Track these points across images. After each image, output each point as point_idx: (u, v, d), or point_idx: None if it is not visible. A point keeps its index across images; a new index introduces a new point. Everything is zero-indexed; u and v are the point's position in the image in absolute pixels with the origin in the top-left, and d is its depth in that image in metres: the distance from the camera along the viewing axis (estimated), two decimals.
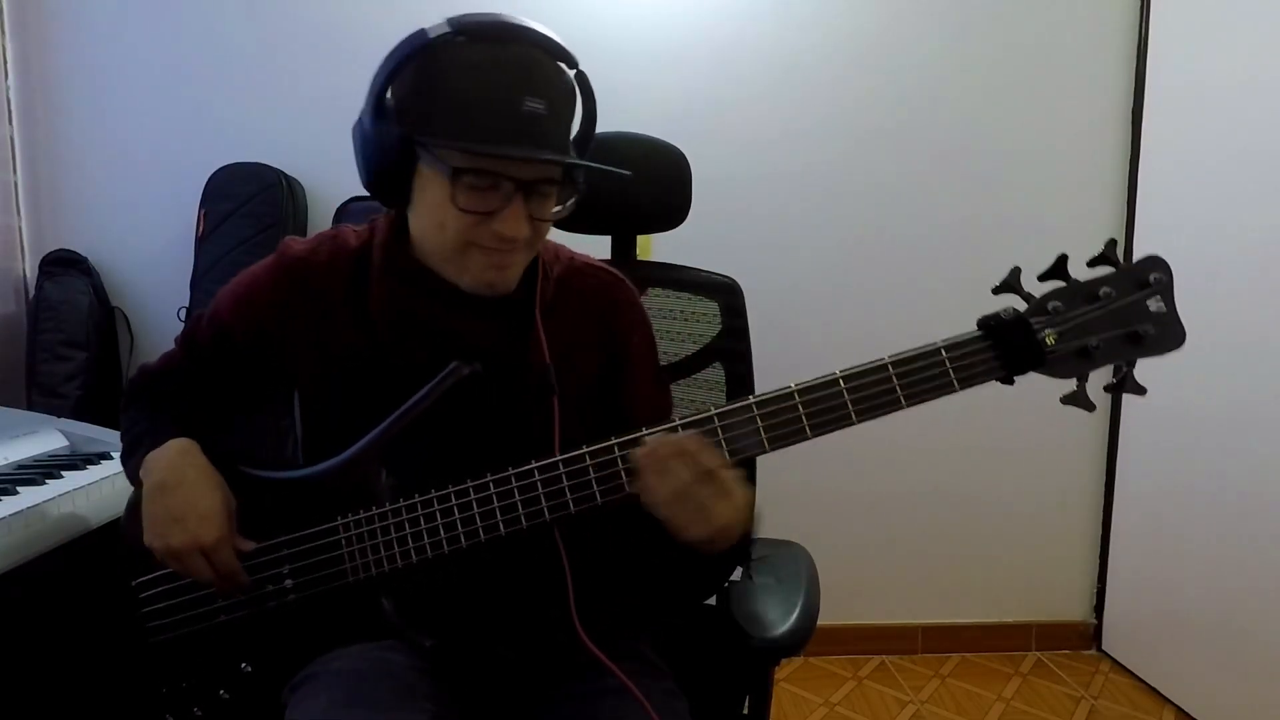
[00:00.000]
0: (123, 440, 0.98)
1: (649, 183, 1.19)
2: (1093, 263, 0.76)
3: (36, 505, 1.13)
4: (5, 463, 1.28)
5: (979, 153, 2.17)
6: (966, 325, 0.78)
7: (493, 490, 0.82)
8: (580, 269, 0.97)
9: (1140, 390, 0.75)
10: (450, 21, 0.78)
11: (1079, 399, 0.76)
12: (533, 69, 0.78)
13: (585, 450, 0.80)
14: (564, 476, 0.80)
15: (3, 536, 1.06)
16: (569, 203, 0.86)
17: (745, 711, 1.10)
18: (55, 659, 1.24)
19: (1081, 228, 2.21)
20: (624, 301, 0.98)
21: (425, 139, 0.79)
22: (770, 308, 1.38)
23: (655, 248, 1.90)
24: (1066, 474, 2.28)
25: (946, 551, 2.29)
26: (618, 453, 0.79)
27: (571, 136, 0.87)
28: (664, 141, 1.20)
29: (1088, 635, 2.35)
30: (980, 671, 2.23)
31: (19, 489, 1.17)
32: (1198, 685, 1.99)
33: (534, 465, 0.81)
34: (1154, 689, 2.11)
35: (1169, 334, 0.74)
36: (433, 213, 0.82)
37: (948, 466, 2.24)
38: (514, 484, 0.81)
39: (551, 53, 0.81)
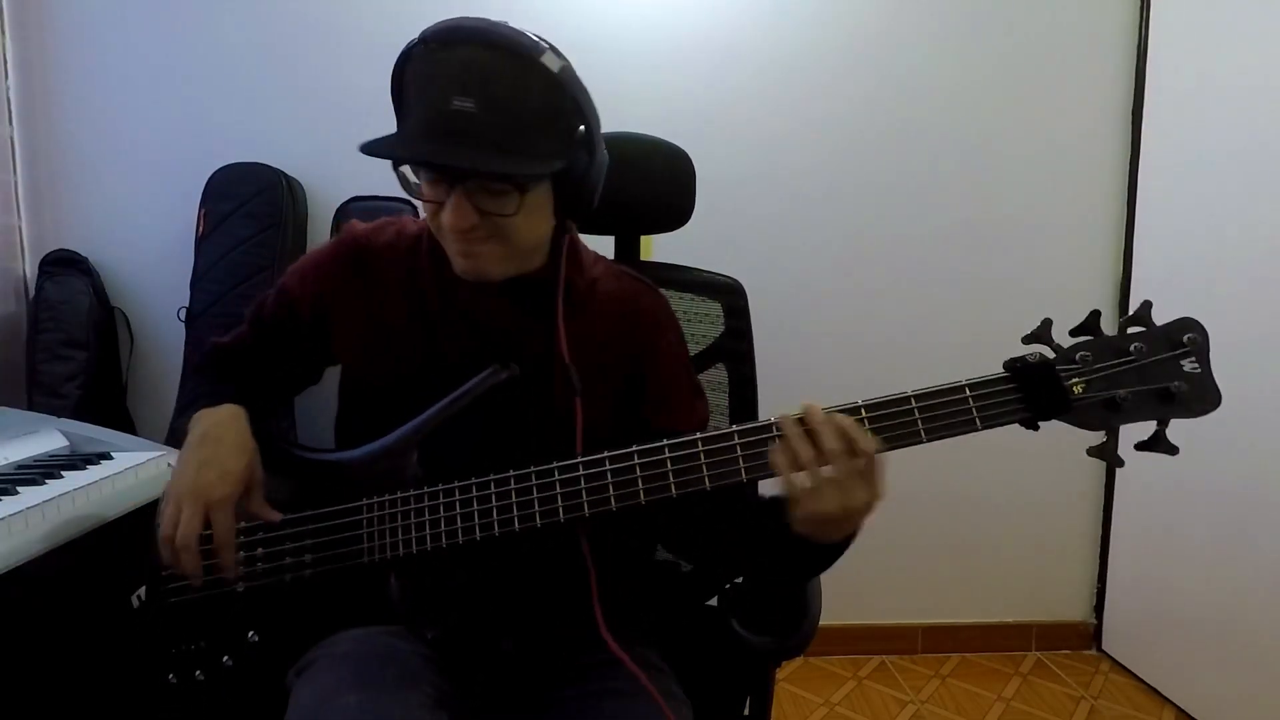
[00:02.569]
0: (179, 403, 1.02)
1: (653, 183, 1.19)
2: (1125, 322, 0.76)
3: (36, 505, 1.13)
4: (5, 463, 1.28)
5: (979, 153, 2.17)
6: (967, 325, 0.77)
7: (513, 486, 0.83)
8: (608, 274, 0.99)
9: (1173, 450, 0.75)
10: (423, 31, 0.81)
11: (1106, 453, 0.76)
12: (467, 69, 0.78)
13: (605, 455, 0.81)
14: (582, 479, 0.81)
15: (3, 537, 1.06)
16: (517, 198, 0.83)
17: (746, 712, 1.10)
18: (55, 659, 1.23)
19: (1081, 227, 2.22)
20: (647, 309, 0.98)
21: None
22: (773, 308, 1.38)
23: (656, 248, 1.90)
24: (1066, 474, 2.28)
25: (946, 551, 2.30)
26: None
27: (560, 130, 0.84)
28: (667, 142, 1.20)
29: (1088, 635, 2.35)
30: (980, 671, 2.24)
31: (19, 489, 1.16)
32: (1198, 685, 1.99)
33: (555, 465, 0.82)
34: (1154, 689, 2.11)
35: (1203, 395, 0.74)
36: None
37: (947, 466, 2.23)
38: (534, 482, 0.83)
39: (508, 50, 0.79)
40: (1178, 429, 0.76)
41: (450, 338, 0.93)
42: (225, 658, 0.92)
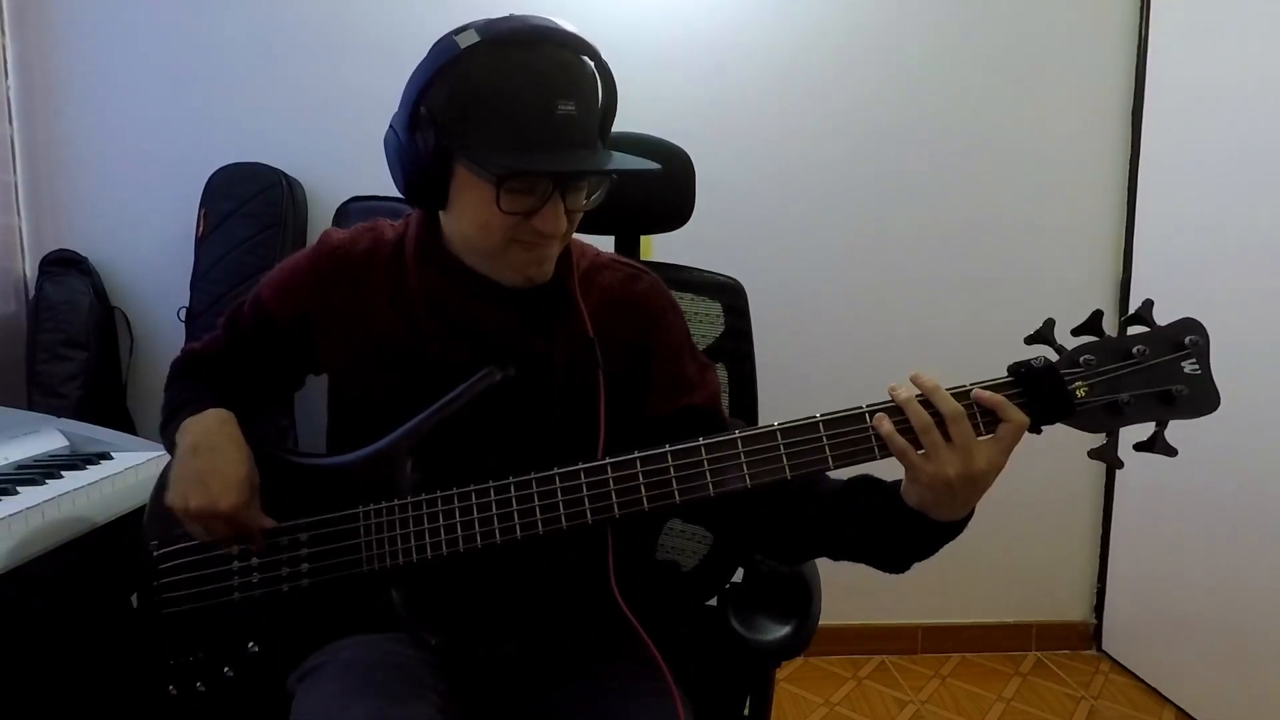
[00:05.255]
0: (163, 412, 1.00)
1: (653, 183, 1.18)
2: (1127, 321, 0.75)
3: (36, 505, 1.13)
4: (5, 463, 1.28)
5: (979, 153, 2.17)
6: (968, 324, 0.77)
7: (513, 494, 0.82)
8: (604, 264, 0.98)
9: (1172, 452, 0.74)
10: (478, 30, 0.78)
11: (1107, 454, 0.75)
12: (561, 71, 0.79)
13: (608, 462, 0.81)
14: (584, 486, 0.81)
15: (3, 537, 1.06)
16: (599, 192, 0.87)
17: (746, 712, 1.10)
18: (54, 659, 1.23)
19: (1082, 227, 2.22)
20: (646, 292, 0.97)
21: (466, 150, 0.79)
22: (773, 308, 1.38)
23: (655, 248, 1.90)
24: (1066, 474, 2.28)
25: (946, 551, 2.28)
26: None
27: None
28: (668, 142, 1.20)
29: (1088, 635, 2.35)
30: (980, 671, 2.24)
31: (19, 489, 1.17)
32: (1198, 685, 1.99)
33: (556, 472, 0.82)
34: (1154, 689, 2.11)
35: (1203, 397, 0.73)
36: (475, 215, 0.84)
37: None
38: (534, 489, 0.82)
39: (574, 48, 0.82)
40: (1177, 428, 0.75)
41: (441, 344, 0.91)
42: (226, 668, 0.92)
